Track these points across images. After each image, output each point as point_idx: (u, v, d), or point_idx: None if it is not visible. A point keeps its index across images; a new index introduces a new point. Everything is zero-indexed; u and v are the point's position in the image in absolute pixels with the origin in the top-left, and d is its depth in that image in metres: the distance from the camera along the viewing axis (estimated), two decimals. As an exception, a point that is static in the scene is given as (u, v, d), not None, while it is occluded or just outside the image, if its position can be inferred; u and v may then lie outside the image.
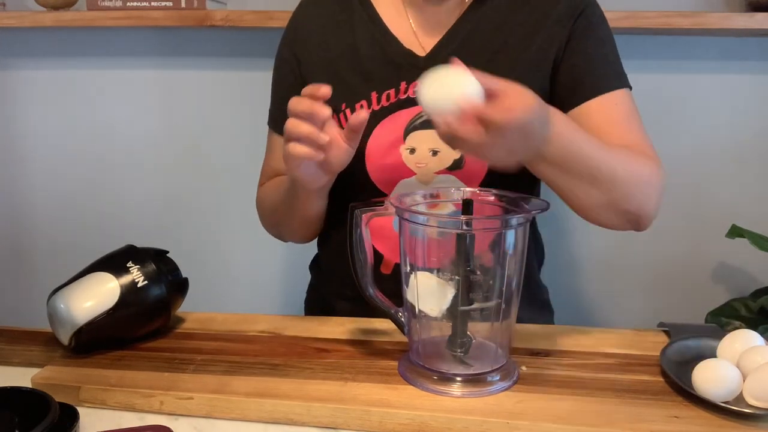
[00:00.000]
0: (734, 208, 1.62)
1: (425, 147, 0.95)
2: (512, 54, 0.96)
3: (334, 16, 1.02)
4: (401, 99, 0.97)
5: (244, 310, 1.01)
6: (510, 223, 0.77)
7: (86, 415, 0.72)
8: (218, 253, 1.78)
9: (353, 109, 0.97)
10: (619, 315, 1.73)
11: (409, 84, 0.96)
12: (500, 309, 0.78)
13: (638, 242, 1.66)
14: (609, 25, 1.00)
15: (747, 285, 1.64)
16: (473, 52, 0.96)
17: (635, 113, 0.96)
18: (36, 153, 1.77)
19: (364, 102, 0.97)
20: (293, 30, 1.06)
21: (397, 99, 0.97)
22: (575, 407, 0.73)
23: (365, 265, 0.81)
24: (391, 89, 0.97)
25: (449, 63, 0.76)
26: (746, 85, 1.58)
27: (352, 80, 0.99)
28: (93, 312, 0.83)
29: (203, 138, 1.72)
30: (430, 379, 0.77)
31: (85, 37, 1.69)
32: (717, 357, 0.80)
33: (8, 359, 0.87)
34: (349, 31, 1.01)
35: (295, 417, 0.74)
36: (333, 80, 0.97)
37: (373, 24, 1.00)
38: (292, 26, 1.06)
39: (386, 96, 0.97)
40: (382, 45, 0.99)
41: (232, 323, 0.95)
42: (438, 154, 0.95)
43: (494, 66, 0.94)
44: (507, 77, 0.92)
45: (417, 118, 0.96)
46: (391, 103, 0.97)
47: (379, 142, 0.96)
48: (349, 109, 0.98)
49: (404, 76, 0.97)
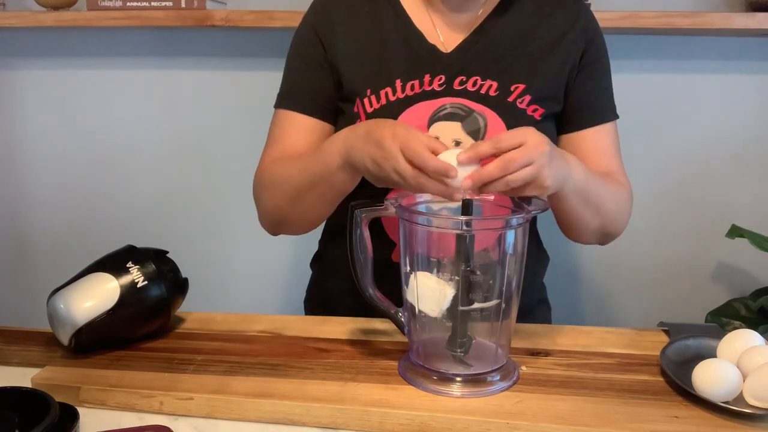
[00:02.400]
0: (734, 208, 1.62)
1: (449, 137, 0.96)
2: (532, 63, 0.99)
3: (360, 8, 1.03)
4: (426, 90, 0.98)
5: (244, 310, 1.01)
6: (510, 223, 0.77)
7: (86, 415, 0.72)
8: (218, 252, 1.78)
9: (377, 95, 0.98)
10: (619, 315, 1.73)
11: (433, 77, 0.98)
12: (500, 309, 0.78)
13: (638, 242, 1.66)
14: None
15: (747, 285, 1.64)
16: (495, 56, 0.99)
17: (618, 142, 1.05)
18: (36, 153, 1.77)
19: (389, 89, 0.98)
20: (318, 15, 1.04)
21: (422, 90, 0.98)
22: (575, 407, 0.73)
23: (365, 266, 0.81)
24: (416, 80, 0.98)
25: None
26: (746, 85, 1.58)
27: (378, 67, 0.99)
28: (93, 312, 0.83)
29: (203, 138, 1.72)
30: (430, 379, 0.77)
31: (85, 37, 1.69)
32: (717, 357, 0.80)
33: (8, 359, 0.87)
34: (375, 23, 1.02)
35: (294, 417, 0.74)
36: (358, 64, 1.00)
37: (398, 18, 1.02)
38: (318, 11, 1.05)
39: (410, 86, 0.98)
40: (406, 37, 1.00)
41: (232, 323, 0.95)
42: (460, 145, 0.95)
43: (514, 71, 0.97)
44: (526, 82, 0.95)
45: (441, 109, 0.97)
46: (416, 93, 0.98)
47: None
48: (374, 95, 0.98)
49: (428, 69, 0.98)
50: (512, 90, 0.97)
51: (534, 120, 0.97)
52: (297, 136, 1.02)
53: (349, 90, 1.00)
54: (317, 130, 1.02)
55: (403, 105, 0.97)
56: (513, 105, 0.96)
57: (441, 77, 0.97)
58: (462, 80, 0.97)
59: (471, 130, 0.95)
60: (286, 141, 1.03)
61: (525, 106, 0.96)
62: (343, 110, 1.02)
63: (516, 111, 0.96)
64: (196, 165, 1.74)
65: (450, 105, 0.96)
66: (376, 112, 0.97)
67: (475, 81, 0.97)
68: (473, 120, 0.96)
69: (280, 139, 1.04)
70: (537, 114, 0.97)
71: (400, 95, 0.98)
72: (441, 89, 0.97)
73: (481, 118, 0.96)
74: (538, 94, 0.97)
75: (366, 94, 0.98)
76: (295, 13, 1.35)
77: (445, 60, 0.99)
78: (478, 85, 0.97)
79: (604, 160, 1.02)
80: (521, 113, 0.96)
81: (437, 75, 0.97)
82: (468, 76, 0.97)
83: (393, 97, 0.97)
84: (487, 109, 0.96)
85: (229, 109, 1.70)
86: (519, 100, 0.96)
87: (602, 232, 1.00)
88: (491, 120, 0.95)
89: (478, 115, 0.96)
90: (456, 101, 0.96)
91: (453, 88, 0.97)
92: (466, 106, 0.96)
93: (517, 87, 0.96)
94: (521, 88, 0.96)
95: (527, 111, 0.96)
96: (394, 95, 0.97)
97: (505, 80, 0.97)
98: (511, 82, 0.97)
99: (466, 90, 0.97)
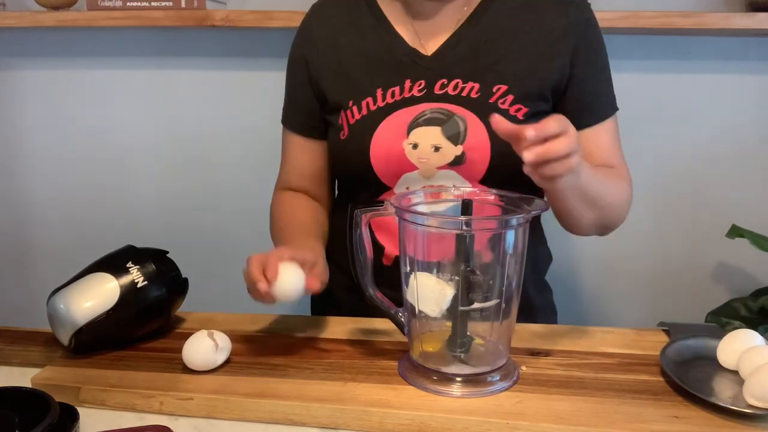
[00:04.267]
0: (734, 208, 1.62)
1: (428, 143, 0.96)
2: (516, 62, 0.98)
3: (343, 18, 1.05)
4: (405, 97, 0.98)
5: (244, 310, 1.01)
6: (510, 223, 0.77)
7: (86, 416, 0.72)
8: (218, 253, 1.78)
9: (359, 105, 0.99)
10: (619, 315, 1.72)
11: (413, 82, 0.98)
12: (500, 309, 0.78)
13: (638, 242, 1.66)
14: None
15: (747, 285, 1.64)
16: (478, 56, 0.98)
17: (618, 135, 1.04)
18: (36, 153, 1.77)
19: (370, 99, 0.99)
20: (303, 32, 1.08)
21: (402, 97, 0.98)
22: (575, 407, 0.73)
23: (365, 266, 0.82)
24: (396, 87, 0.98)
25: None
26: (746, 85, 1.58)
27: (359, 78, 1.01)
28: (93, 312, 0.83)
29: (203, 138, 1.72)
30: (430, 379, 0.77)
31: (85, 37, 1.69)
32: (717, 357, 0.80)
33: (8, 359, 0.87)
34: (357, 33, 1.03)
35: (294, 417, 0.74)
36: (340, 78, 1.02)
37: (380, 25, 1.02)
38: (303, 28, 1.09)
39: (391, 93, 0.98)
40: (387, 44, 1.01)
41: (232, 323, 0.95)
42: (440, 150, 0.96)
43: (498, 70, 0.97)
44: (509, 83, 0.95)
45: (420, 115, 0.97)
46: (396, 100, 0.98)
47: (384, 137, 0.98)
48: (356, 106, 0.99)
49: (409, 75, 0.99)
50: (494, 91, 0.96)
51: (517, 120, 0.96)
52: (295, 154, 1.11)
53: (333, 103, 1.02)
54: (311, 147, 1.09)
55: (383, 113, 0.98)
56: (494, 106, 0.96)
57: (421, 82, 0.98)
58: (443, 83, 0.97)
59: (451, 134, 0.95)
60: (289, 159, 1.12)
61: (507, 107, 0.96)
62: (331, 122, 1.04)
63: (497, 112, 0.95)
64: (196, 165, 1.74)
65: (430, 111, 0.97)
66: (357, 122, 0.99)
67: (456, 84, 0.97)
68: (453, 124, 0.96)
69: (287, 157, 1.13)
70: (520, 114, 0.96)
71: (380, 104, 0.99)
72: (421, 95, 0.98)
73: (461, 122, 0.96)
74: (522, 93, 0.96)
75: (348, 105, 1.00)
76: (295, 13, 1.34)
77: (426, 64, 0.99)
78: (460, 87, 0.97)
79: (606, 155, 1.01)
80: (503, 114, 0.95)
81: (417, 80, 0.98)
82: (449, 79, 0.97)
83: (374, 106, 0.99)
84: (468, 112, 0.96)
85: (229, 109, 1.70)
86: (501, 100, 0.96)
87: (601, 224, 0.99)
88: (471, 122, 0.95)
89: (458, 118, 0.96)
90: (436, 106, 0.97)
91: (434, 93, 0.97)
92: (447, 110, 0.96)
93: (500, 88, 0.96)
94: (503, 89, 0.96)
95: (509, 111, 0.96)
96: (375, 104, 0.99)
97: (488, 81, 0.96)
98: (494, 83, 0.96)
99: (446, 94, 0.97)
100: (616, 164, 1.02)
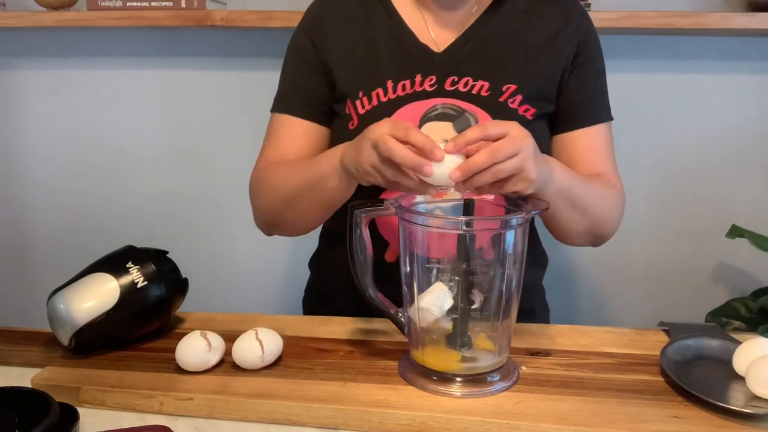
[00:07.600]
0: (734, 208, 1.62)
1: (439, 137, 0.95)
2: (524, 63, 0.99)
3: (354, 9, 1.04)
4: (417, 90, 0.98)
5: (243, 310, 1.01)
6: (510, 223, 0.77)
7: (86, 416, 0.72)
8: (218, 252, 1.78)
9: (369, 96, 0.98)
10: (619, 315, 1.72)
11: (424, 77, 0.98)
12: (500, 309, 0.78)
13: (638, 242, 1.66)
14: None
15: (747, 285, 1.64)
16: (487, 56, 0.99)
17: (611, 144, 1.05)
18: (36, 153, 1.77)
19: (380, 90, 0.98)
20: (311, 19, 1.06)
21: (413, 90, 0.98)
22: (575, 407, 0.73)
23: (365, 266, 0.81)
24: (407, 80, 0.98)
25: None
26: (746, 85, 1.58)
27: (369, 69, 1.00)
28: (93, 312, 0.83)
29: (203, 138, 1.72)
30: (430, 379, 0.77)
31: (85, 37, 1.69)
32: (733, 365, 0.79)
33: (8, 359, 0.87)
34: (368, 25, 1.02)
35: (294, 417, 0.74)
36: (350, 67, 1.01)
37: (391, 19, 1.02)
38: (312, 15, 1.07)
39: (402, 86, 0.98)
40: (399, 38, 1.01)
41: (232, 323, 0.95)
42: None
43: (507, 70, 0.97)
44: (518, 83, 0.95)
45: (432, 110, 0.97)
46: (407, 93, 0.98)
47: None
48: (366, 96, 0.98)
49: (419, 69, 0.98)
50: (504, 90, 0.97)
51: (526, 120, 0.97)
52: (292, 139, 1.04)
53: (341, 91, 1.01)
54: (312, 132, 1.04)
55: (394, 106, 0.98)
56: (504, 105, 0.96)
57: (432, 77, 0.98)
58: (453, 80, 0.97)
59: (462, 129, 0.95)
60: (282, 144, 1.05)
61: (516, 106, 0.97)
62: (337, 112, 1.03)
63: (507, 111, 0.96)
64: (195, 165, 1.74)
65: (441, 105, 0.97)
66: (367, 113, 0.98)
67: (466, 81, 0.97)
68: (464, 120, 0.96)
69: (276, 141, 1.05)
70: (528, 114, 0.97)
71: (391, 96, 0.98)
72: (432, 89, 0.97)
73: (472, 118, 0.96)
74: (530, 94, 0.97)
75: (358, 95, 0.99)
76: (295, 13, 1.34)
77: (437, 60, 0.99)
78: (470, 85, 0.97)
79: (597, 160, 1.01)
80: (512, 113, 0.96)
81: (428, 75, 0.98)
82: (460, 77, 0.97)
83: (384, 98, 0.98)
84: (479, 109, 0.96)
85: (228, 109, 1.70)
86: (510, 100, 0.96)
87: (592, 234, 0.99)
88: (482, 120, 0.96)
89: (469, 115, 0.96)
90: (447, 101, 0.97)
91: (444, 89, 0.97)
92: (458, 106, 0.96)
93: (509, 87, 0.97)
94: (513, 88, 0.97)
95: (519, 111, 0.97)
96: (385, 96, 0.98)
97: (497, 80, 0.97)
98: (503, 83, 0.97)
99: (457, 90, 0.97)
100: (607, 172, 1.01)
